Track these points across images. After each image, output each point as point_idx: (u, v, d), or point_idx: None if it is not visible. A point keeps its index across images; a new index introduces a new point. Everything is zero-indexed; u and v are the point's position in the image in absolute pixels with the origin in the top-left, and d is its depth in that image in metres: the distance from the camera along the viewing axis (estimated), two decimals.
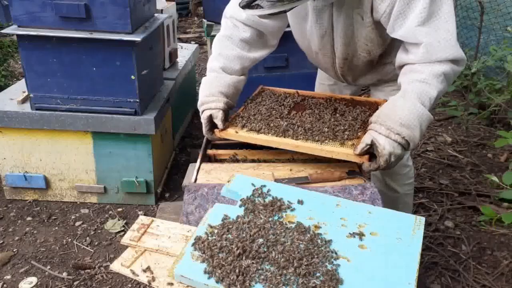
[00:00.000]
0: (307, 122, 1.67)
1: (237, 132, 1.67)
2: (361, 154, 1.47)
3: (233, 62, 1.82)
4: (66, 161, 2.81)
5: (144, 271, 1.21)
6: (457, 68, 1.53)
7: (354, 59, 1.81)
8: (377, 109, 1.64)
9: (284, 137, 1.61)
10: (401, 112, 1.44)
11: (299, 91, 1.93)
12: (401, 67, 1.60)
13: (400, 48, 1.61)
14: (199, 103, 1.76)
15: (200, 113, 1.75)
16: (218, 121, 1.69)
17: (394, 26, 1.53)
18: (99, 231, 2.70)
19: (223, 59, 1.82)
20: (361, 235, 1.25)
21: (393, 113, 1.45)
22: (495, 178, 1.84)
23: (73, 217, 2.81)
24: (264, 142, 1.63)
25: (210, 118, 1.71)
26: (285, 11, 1.54)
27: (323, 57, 1.87)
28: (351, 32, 1.70)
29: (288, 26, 1.92)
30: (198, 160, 1.70)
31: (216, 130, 1.70)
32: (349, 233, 1.26)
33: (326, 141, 1.57)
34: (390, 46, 1.78)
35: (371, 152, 1.47)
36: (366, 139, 1.46)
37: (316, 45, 1.83)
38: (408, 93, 1.49)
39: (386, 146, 1.42)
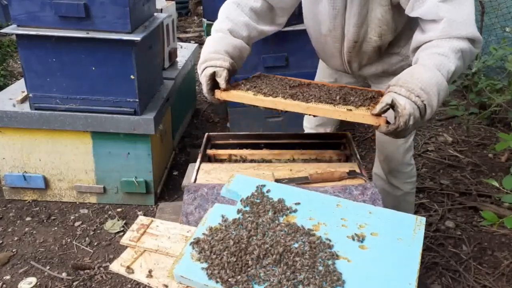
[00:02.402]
0: (316, 93, 1.55)
1: (241, 91, 1.55)
2: (379, 115, 1.39)
3: (241, 28, 1.74)
4: (66, 161, 2.80)
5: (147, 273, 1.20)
6: (474, 48, 1.52)
7: (364, 43, 1.78)
8: (382, 95, 1.54)
9: (293, 99, 1.49)
10: (421, 77, 1.40)
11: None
12: (416, 48, 1.57)
13: (416, 31, 1.59)
14: (201, 60, 1.62)
15: (200, 72, 1.62)
16: (222, 80, 1.56)
17: (414, 5, 1.53)
18: (98, 231, 2.69)
19: (231, 22, 1.73)
20: (362, 239, 1.23)
21: (413, 78, 1.40)
22: (495, 183, 1.83)
23: (72, 217, 2.80)
24: (271, 103, 1.51)
25: (213, 76, 1.58)
26: None
27: (332, 41, 1.83)
28: (366, 12, 1.68)
29: (300, 8, 1.88)
30: (198, 160, 1.70)
31: (217, 91, 1.58)
32: (351, 236, 1.25)
33: (340, 105, 1.46)
34: (399, 35, 1.78)
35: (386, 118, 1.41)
36: (386, 99, 1.39)
37: (327, 27, 1.80)
38: (427, 63, 1.45)
39: (407, 106, 1.36)
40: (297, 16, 2.85)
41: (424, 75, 1.41)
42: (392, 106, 1.39)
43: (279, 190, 1.44)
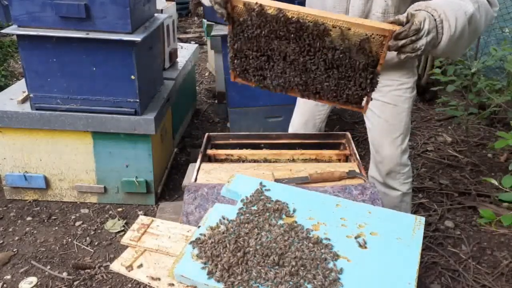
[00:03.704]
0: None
1: None
2: (394, 23, 1.36)
3: None
4: (66, 161, 2.81)
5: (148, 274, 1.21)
6: (490, 8, 1.54)
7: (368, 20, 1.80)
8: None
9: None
10: (437, 2, 1.42)
11: None
12: None
13: None
14: None
15: None
16: None
17: None
18: (99, 231, 2.70)
19: None
20: (365, 243, 1.23)
21: (429, 3, 1.42)
22: (494, 181, 1.83)
23: (73, 217, 2.81)
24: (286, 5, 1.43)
25: None
26: None
27: None
28: None
29: None
30: (198, 160, 1.70)
31: None
32: (354, 239, 1.26)
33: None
34: None
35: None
36: (401, 15, 1.37)
37: (332, 2, 1.83)
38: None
39: (422, 13, 1.36)
40: None
41: (441, 1, 1.42)
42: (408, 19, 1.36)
43: (279, 190, 1.45)
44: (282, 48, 1.50)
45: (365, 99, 1.49)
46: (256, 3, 1.44)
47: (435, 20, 1.38)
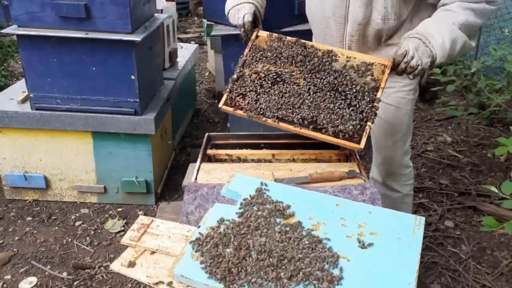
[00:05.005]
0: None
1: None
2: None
3: None
4: (66, 161, 2.81)
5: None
6: (487, 6, 1.63)
7: (367, 27, 1.80)
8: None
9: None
10: (423, 23, 1.65)
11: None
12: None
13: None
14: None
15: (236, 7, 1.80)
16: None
17: None
18: (99, 231, 2.70)
19: None
20: (366, 244, 1.23)
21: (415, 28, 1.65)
22: (494, 188, 1.85)
23: (73, 217, 2.81)
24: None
25: (255, 14, 1.78)
26: None
27: (335, 25, 1.84)
28: None
29: (300, 7, 1.96)
30: (198, 160, 1.70)
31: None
32: (356, 242, 1.25)
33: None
34: (400, 26, 1.81)
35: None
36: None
37: (332, 8, 1.82)
38: (430, 18, 1.67)
39: (406, 40, 1.60)
40: (297, 16, 2.87)
41: (428, 22, 1.64)
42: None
43: (279, 190, 1.45)
44: (290, 70, 1.67)
45: (365, 132, 1.54)
46: (278, 34, 1.75)
47: (419, 39, 1.59)
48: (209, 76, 5.15)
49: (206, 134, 1.91)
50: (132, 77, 2.57)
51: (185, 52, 3.87)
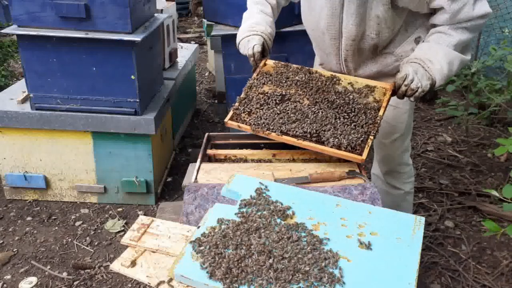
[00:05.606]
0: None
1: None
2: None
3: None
4: (66, 161, 2.81)
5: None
6: (479, 20, 1.68)
7: (362, 41, 1.80)
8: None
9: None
10: (420, 47, 1.72)
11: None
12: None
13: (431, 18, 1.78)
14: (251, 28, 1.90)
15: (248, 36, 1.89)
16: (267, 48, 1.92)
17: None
18: (99, 231, 2.70)
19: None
20: (368, 245, 1.23)
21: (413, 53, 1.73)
22: (495, 192, 1.86)
23: (73, 217, 2.81)
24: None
25: (263, 46, 1.87)
26: None
27: (330, 39, 1.85)
28: (364, 11, 1.71)
29: (299, 7, 1.98)
30: (198, 160, 1.70)
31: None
32: (357, 242, 1.25)
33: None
34: (395, 36, 1.81)
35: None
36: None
37: (325, 24, 1.82)
38: (424, 42, 1.73)
39: (404, 65, 1.67)
40: (297, 16, 2.87)
41: (424, 46, 1.70)
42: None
43: (279, 190, 1.45)
44: (295, 91, 1.76)
45: (367, 145, 1.58)
46: (284, 62, 1.89)
47: (418, 63, 1.65)
48: (209, 76, 5.15)
49: (206, 134, 1.91)
50: (132, 77, 2.57)
51: (185, 52, 3.87)
